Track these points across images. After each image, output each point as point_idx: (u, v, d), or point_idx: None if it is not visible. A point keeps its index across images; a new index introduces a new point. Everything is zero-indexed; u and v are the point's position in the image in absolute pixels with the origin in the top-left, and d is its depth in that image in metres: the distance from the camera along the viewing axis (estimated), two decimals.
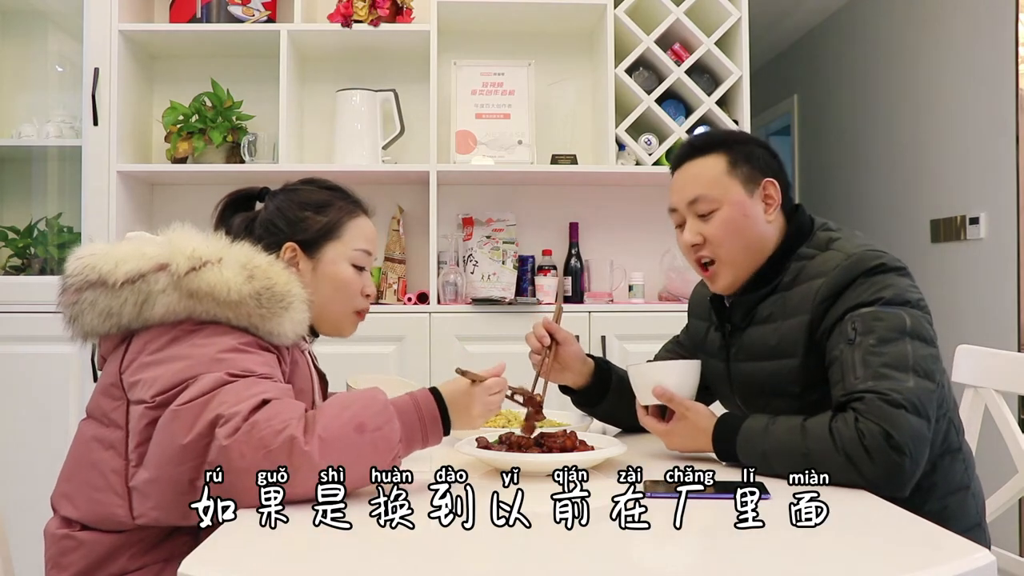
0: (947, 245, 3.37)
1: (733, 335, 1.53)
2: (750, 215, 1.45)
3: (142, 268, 1.25)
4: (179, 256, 1.26)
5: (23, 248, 2.88)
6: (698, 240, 1.47)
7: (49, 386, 2.64)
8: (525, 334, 1.61)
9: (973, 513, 1.45)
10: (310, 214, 1.45)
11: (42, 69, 3.08)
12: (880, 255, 1.37)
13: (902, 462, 1.20)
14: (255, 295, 1.27)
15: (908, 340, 1.29)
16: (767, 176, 1.47)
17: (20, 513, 1.89)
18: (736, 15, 2.88)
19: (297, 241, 1.43)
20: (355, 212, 1.49)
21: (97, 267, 1.27)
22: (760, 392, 1.47)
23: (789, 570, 0.92)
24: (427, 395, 1.23)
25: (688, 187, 1.47)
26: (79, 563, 1.25)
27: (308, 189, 1.50)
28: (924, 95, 3.57)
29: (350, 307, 1.47)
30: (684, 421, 1.39)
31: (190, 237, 1.30)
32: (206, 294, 1.24)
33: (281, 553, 0.97)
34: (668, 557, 0.99)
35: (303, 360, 1.41)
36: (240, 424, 1.08)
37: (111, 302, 1.25)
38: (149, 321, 1.26)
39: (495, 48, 3.08)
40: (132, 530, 1.24)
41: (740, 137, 1.52)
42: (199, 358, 1.19)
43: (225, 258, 1.28)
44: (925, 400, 1.25)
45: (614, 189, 3.11)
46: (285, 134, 2.80)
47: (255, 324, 1.27)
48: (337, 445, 1.10)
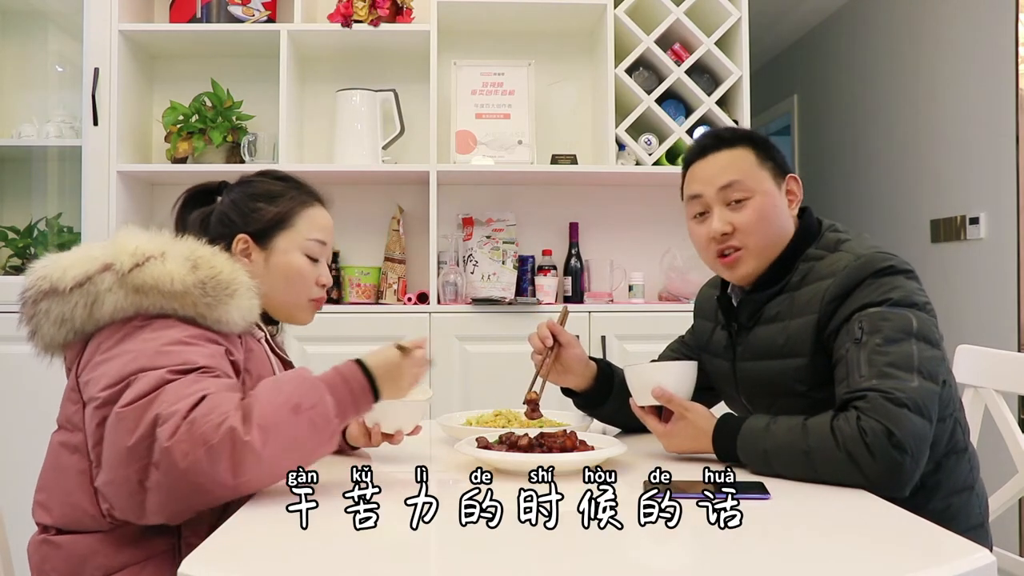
0: (947, 245, 3.37)
1: (740, 334, 1.53)
2: (779, 206, 1.48)
3: (89, 270, 1.27)
4: (122, 254, 1.27)
5: (23, 248, 2.88)
6: (727, 229, 1.47)
7: (49, 386, 2.63)
8: (528, 335, 1.61)
9: (976, 513, 1.45)
10: (262, 205, 1.47)
11: (42, 69, 3.08)
12: (889, 257, 1.38)
13: (903, 461, 1.20)
14: (199, 284, 1.28)
15: (914, 341, 1.29)
16: (788, 171, 1.51)
17: (20, 513, 1.89)
18: (736, 15, 2.88)
19: (249, 232, 1.45)
20: (308, 202, 1.50)
21: (48, 276, 1.29)
22: (766, 391, 1.47)
23: (789, 570, 0.92)
24: (352, 367, 1.24)
25: (722, 174, 1.47)
26: (61, 567, 1.26)
27: (261, 181, 1.51)
28: (924, 95, 3.57)
29: (304, 296, 1.48)
30: (683, 421, 1.39)
31: (134, 235, 1.32)
32: (151, 287, 1.26)
33: (281, 553, 0.97)
34: (668, 557, 0.99)
35: (259, 348, 1.41)
36: (179, 423, 1.09)
37: (63, 308, 1.27)
38: (100, 322, 1.27)
39: (495, 48, 3.08)
40: (108, 530, 1.24)
41: (760, 135, 1.54)
42: (143, 352, 1.20)
43: (168, 252, 1.29)
44: (928, 401, 1.25)
45: (614, 189, 3.11)
46: (285, 134, 2.80)
47: (201, 313, 1.28)
48: (276, 430, 1.11)
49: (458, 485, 1.30)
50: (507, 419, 1.65)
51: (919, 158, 3.62)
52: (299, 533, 1.00)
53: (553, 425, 1.59)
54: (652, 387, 1.41)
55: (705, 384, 1.65)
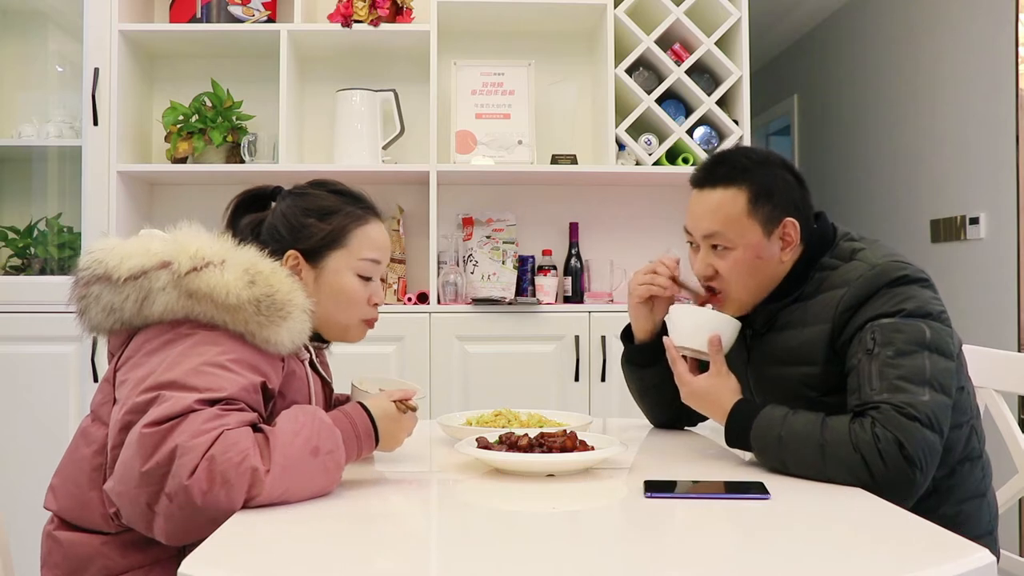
0: (947, 245, 3.37)
1: (754, 340, 1.54)
2: (764, 257, 1.45)
3: (145, 265, 1.25)
4: (182, 255, 1.25)
5: (23, 248, 2.88)
6: (709, 272, 1.47)
7: (49, 386, 2.64)
8: (654, 264, 1.59)
9: (986, 521, 1.45)
10: (313, 221, 1.41)
11: (42, 69, 3.08)
12: (904, 266, 1.38)
13: (913, 474, 1.21)
14: (254, 301, 1.25)
15: (926, 353, 1.30)
16: (788, 213, 1.45)
17: (20, 513, 1.89)
18: (736, 15, 2.88)
19: (299, 249, 1.40)
20: (363, 219, 1.44)
21: (104, 262, 1.27)
22: (779, 397, 1.47)
23: (790, 570, 0.92)
24: (361, 414, 1.25)
25: (705, 220, 1.46)
26: (63, 565, 1.25)
27: (316, 194, 1.45)
28: (924, 95, 3.57)
29: (355, 316, 1.43)
30: (715, 380, 1.40)
31: (196, 236, 1.29)
32: (205, 295, 1.23)
33: (281, 553, 0.97)
34: (668, 557, 0.99)
35: (300, 370, 1.38)
36: (198, 460, 1.06)
37: (114, 297, 1.25)
38: (149, 319, 1.25)
39: (495, 48, 3.08)
40: (114, 532, 1.23)
41: (764, 163, 1.47)
42: (180, 364, 1.18)
43: (228, 260, 1.26)
44: (940, 414, 1.26)
45: (614, 189, 3.11)
46: (285, 134, 2.80)
47: (252, 331, 1.25)
48: (294, 471, 1.11)
49: (458, 485, 1.30)
50: (507, 419, 1.65)
51: (919, 158, 3.62)
52: (299, 533, 1.00)
53: (553, 425, 1.59)
54: (710, 332, 1.41)
55: None
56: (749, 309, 1.50)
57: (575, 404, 2.68)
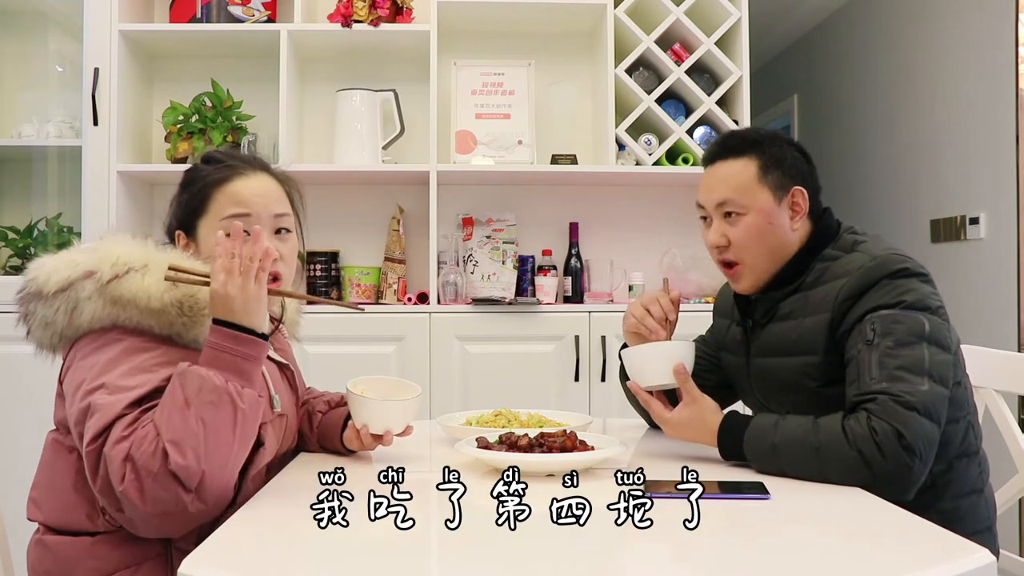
0: (947, 245, 3.37)
1: (754, 331, 1.55)
2: (775, 223, 1.47)
3: (71, 276, 1.26)
4: (104, 263, 1.25)
5: (23, 248, 2.88)
6: (722, 242, 1.49)
7: (49, 386, 2.63)
8: (649, 300, 1.54)
9: (984, 517, 1.46)
10: (177, 196, 1.41)
11: (42, 69, 3.08)
12: (905, 260, 1.40)
13: (912, 463, 1.22)
14: (176, 304, 1.25)
15: (925, 345, 1.30)
16: (796, 183, 1.48)
17: (20, 514, 1.88)
18: (736, 15, 2.88)
19: (180, 228, 1.39)
20: (225, 179, 1.36)
21: (36, 279, 1.28)
22: (779, 387, 1.49)
23: (790, 569, 0.92)
24: (212, 331, 1.20)
25: (717, 189, 1.49)
26: (52, 569, 1.26)
27: (187, 169, 1.43)
28: (924, 95, 3.57)
29: None
30: (692, 408, 1.40)
31: (119, 243, 1.29)
32: (128, 301, 1.24)
33: (281, 553, 0.97)
34: (668, 557, 0.99)
35: None
36: (123, 469, 1.10)
37: (47, 311, 1.27)
38: (80, 329, 1.26)
39: (495, 48, 3.08)
40: (103, 531, 1.24)
41: (773, 138, 1.52)
42: (110, 372, 1.19)
43: (151, 264, 1.26)
44: (938, 405, 1.26)
45: (614, 189, 3.11)
46: (285, 134, 2.80)
47: (178, 332, 1.26)
48: (184, 433, 1.11)
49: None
50: (507, 419, 1.65)
51: (919, 158, 3.62)
52: (299, 533, 1.00)
53: (553, 425, 1.59)
54: (672, 362, 1.40)
55: (723, 382, 1.67)
56: (762, 284, 1.50)
57: (575, 404, 2.68)
